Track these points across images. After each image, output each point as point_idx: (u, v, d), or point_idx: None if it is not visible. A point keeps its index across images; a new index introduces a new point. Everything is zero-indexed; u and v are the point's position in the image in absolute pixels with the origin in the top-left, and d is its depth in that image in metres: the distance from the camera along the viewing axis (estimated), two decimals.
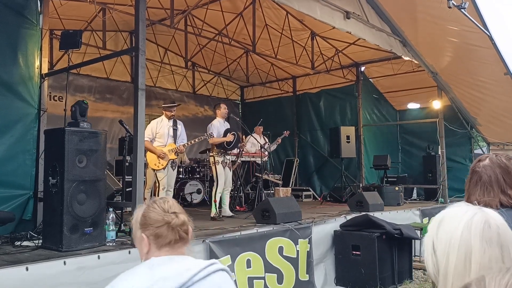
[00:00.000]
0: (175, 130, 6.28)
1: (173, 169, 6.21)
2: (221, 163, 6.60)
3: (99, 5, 7.12)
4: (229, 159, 6.82)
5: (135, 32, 4.31)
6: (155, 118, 6.55)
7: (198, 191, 8.64)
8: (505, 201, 1.73)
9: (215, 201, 6.39)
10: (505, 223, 1.00)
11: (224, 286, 1.46)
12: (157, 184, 6.08)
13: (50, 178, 3.88)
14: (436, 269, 1.00)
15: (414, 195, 10.37)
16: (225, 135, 6.76)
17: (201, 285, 1.40)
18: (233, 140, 6.77)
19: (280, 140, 9.10)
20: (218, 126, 6.80)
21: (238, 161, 7.45)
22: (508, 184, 1.76)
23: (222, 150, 6.64)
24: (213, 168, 6.60)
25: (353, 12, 6.54)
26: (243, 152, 7.54)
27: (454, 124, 9.67)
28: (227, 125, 7.05)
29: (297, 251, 5.21)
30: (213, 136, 6.62)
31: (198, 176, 8.91)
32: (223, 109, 6.97)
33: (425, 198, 9.74)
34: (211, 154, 6.71)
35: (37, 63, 5.16)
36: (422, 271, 6.14)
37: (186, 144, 6.38)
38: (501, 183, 1.75)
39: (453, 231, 0.98)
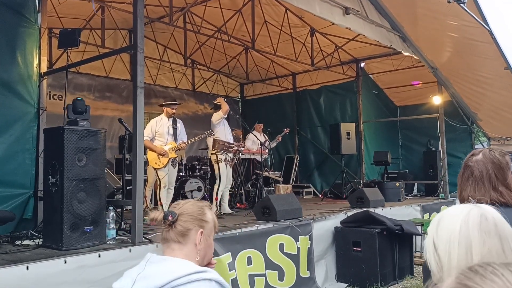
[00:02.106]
0: (174, 128, 6.28)
1: (174, 167, 6.21)
2: (223, 161, 6.61)
3: (98, 3, 7.10)
4: (230, 156, 6.83)
5: (133, 30, 4.29)
6: (154, 117, 6.55)
7: (199, 189, 8.63)
8: (495, 198, 1.68)
9: (216, 199, 6.39)
10: (500, 216, 1.01)
11: None
12: (158, 182, 6.09)
13: (50, 177, 3.87)
14: (440, 267, 1.01)
15: (415, 190, 10.37)
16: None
17: None
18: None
19: (280, 138, 9.10)
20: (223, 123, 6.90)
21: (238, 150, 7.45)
22: (500, 180, 1.71)
23: (224, 148, 6.64)
24: (216, 166, 6.60)
25: (352, 8, 6.52)
26: (242, 150, 7.56)
27: (455, 119, 9.66)
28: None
29: (298, 247, 5.20)
30: (214, 134, 6.62)
31: (198, 173, 8.90)
32: (227, 106, 7.00)
33: (426, 193, 9.73)
34: (213, 152, 6.69)
35: (36, 62, 5.14)
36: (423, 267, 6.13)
37: (187, 142, 6.39)
38: (493, 179, 1.70)
39: (452, 228, 1.00)
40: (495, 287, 0.63)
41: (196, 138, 6.69)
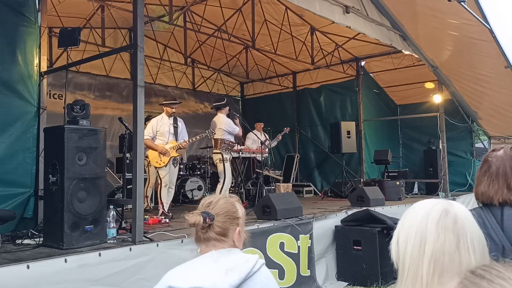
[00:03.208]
0: (175, 127, 6.29)
1: (175, 166, 6.22)
2: (229, 160, 6.63)
3: (98, 2, 7.10)
4: (232, 155, 6.86)
5: (133, 29, 4.29)
6: (155, 116, 6.56)
7: (199, 188, 8.64)
8: (507, 197, 1.63)
9: None
10: (465, 214, 1.02)
11: (270, 277, 1.62)
12: (159, 181, 6.10)
13: (50, 176, 3.87)
14: (397, 256, 1.04)
15: (415, 189, 10.36)
16: None
17: (258, 276, 1.54)
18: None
19: (280, 137, 9.08)
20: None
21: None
22: None
23: (229, 147, 6.65)
24: (221, 165, 6.58)
25: (353, 7, 6.51)
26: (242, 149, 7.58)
27: (455, 118, 9.65)
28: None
29: (298, 246, 5.20)
30: (214, 133, 6.62)
31: (199, 172, 8.91)
32: (227, 109, 7.09)
33: (426, 192, 9.73)
34: (218, 151, 6.67)
35: (36, 61, 5.14)
36: None
37: (188, 141, 6.39)
38: (508, 177, 1.65)
39: (413, 220, 1.03)
40: None
41: (197, 137, 6.69)
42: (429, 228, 0.99)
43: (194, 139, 6.66)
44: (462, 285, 0.68)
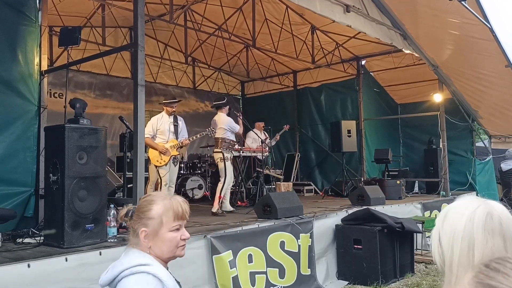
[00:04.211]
0: (175, 126, 6.28)
1: (175, 165, 6.21)
2: (229, 159, 6.64)
3: (98, 1, 7.10)
4: (233, 154, 6.87)
5: (134, 28, 4.29)
6: (155, 114, 6.56)
7: (200, 187, 8.65)
8: None
9: (220, 197, 6.40)
10: (508, 215, 1.02)
11: None
12: (159, 180, 6.10)
13: (51, 175, 3.88)
14: (442, 260, 1.03)
15: (416, 188, 10.36)
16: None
17: (122, 283, 1.48)
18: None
19: (278, 137, 9.05)
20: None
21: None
22: None
23: (230, 146, 6.65)
24: (222, 164, 6.58)
25: (353, 6, 6.51)
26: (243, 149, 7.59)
27: (456, 117, 9.65)
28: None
29: (299, 245, 5.21)
30: (215, 132, 6.63)
31: (199, 171, 8.91)
32: (228, 108, 7.11)
33: (427, 191, 9.73)
34: (218, 150, 6.67)
35: (36, 60, 5.14)
36: (423, 265, 6.15)
37: (190, 139, 6.39)
38: None
39: (456, 223, 1.02)
40: None
41: (198, 136, 6.69)
42: (476, 233, 0.98)
43: (194, 137, 6.66)
44: (477, 279, 0.67)
